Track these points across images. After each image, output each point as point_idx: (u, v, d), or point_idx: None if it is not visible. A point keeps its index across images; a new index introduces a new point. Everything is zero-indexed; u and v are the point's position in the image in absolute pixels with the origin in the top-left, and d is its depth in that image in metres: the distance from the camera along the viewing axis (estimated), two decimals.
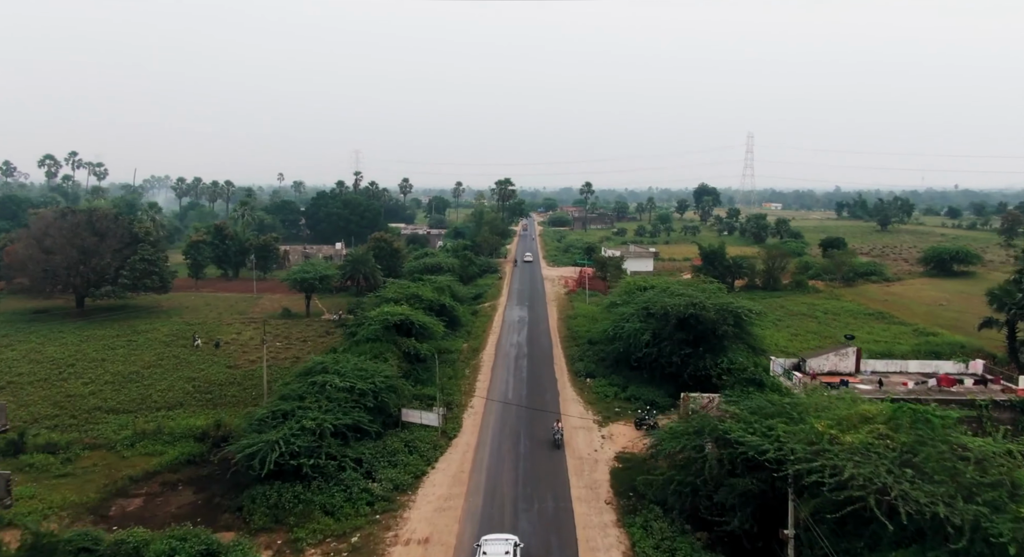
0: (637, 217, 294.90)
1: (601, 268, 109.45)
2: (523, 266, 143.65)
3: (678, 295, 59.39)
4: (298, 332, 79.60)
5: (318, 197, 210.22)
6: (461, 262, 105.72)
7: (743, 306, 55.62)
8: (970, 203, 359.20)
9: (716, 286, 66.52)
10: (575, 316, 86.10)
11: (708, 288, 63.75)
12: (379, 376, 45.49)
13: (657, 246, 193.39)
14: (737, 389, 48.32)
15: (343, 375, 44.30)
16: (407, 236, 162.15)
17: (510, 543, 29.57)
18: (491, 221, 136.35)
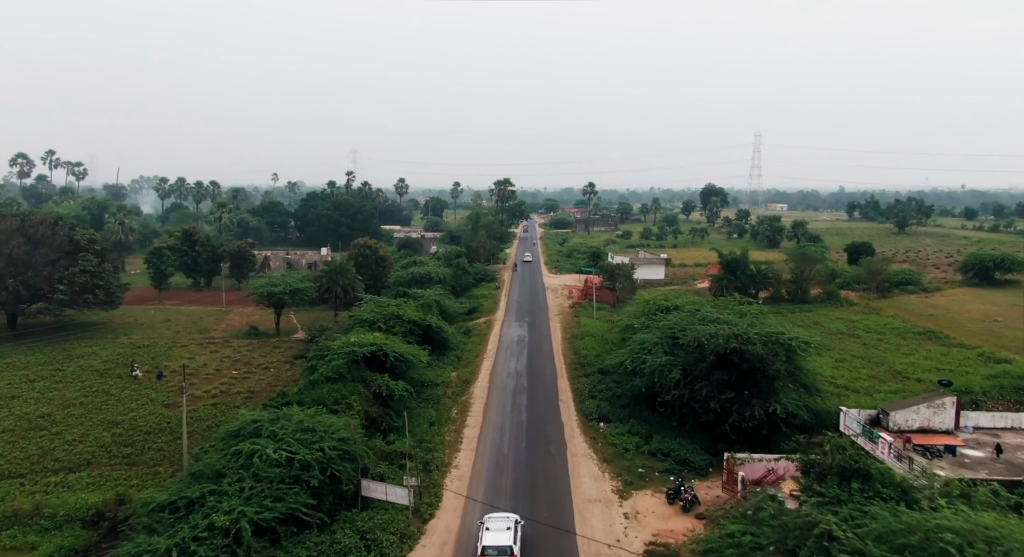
0: (641, 219, 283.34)
1: (609, 277, 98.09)
2: (523, 271, 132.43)
3: (711, 321, 48.05)
4: (262, 355, 68.27)
5: (308, 198, 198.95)
6: (454, 271, 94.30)
7: (796, 337, 44.15)
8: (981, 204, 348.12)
9: (756, 307, 55.10)
10: (582, 336, 74.73)
11: (747, 310, 52.38)
12: (331, 439, 34.12)
13: (665, 250, 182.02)
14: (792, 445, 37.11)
15: (281, 440, 33.00)
16: (399, 240, 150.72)
17: (511, 520, 31.37)
18: (488, 224, 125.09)
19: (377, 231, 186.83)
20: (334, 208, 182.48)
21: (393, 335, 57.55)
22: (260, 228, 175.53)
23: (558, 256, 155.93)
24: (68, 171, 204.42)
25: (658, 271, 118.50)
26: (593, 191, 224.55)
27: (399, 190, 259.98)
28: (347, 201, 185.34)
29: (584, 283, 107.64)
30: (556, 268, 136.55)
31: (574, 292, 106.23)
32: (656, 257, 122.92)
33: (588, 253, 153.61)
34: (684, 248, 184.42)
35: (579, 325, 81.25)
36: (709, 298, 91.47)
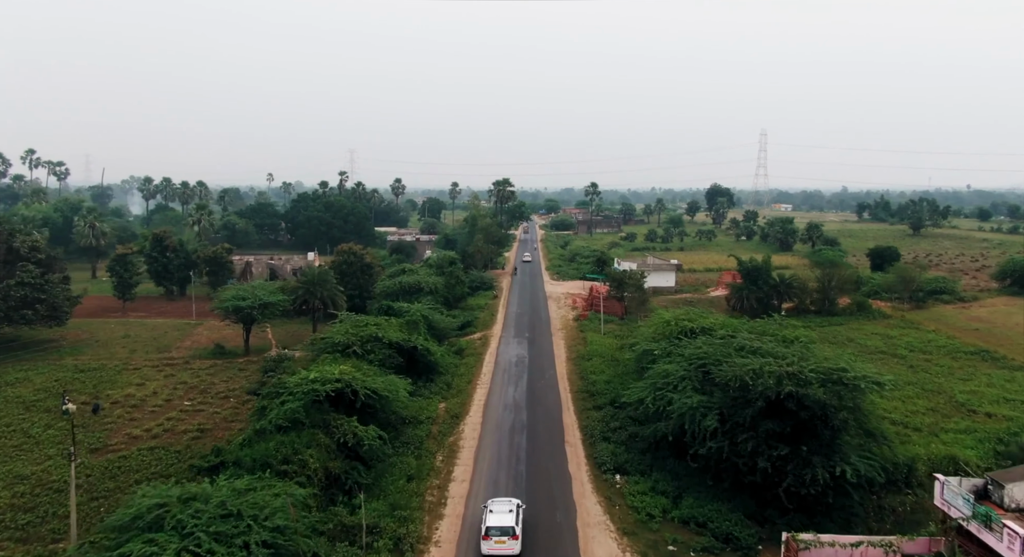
0: (645, 220, 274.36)
1: (617, 286, 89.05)
2: (523, 278, 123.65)
3: (752, 353, 39.13)
4: (224, 381, 59.35)
5: (299, 200, 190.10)
6: (446, 280, 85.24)
7: (864, 376, 35.01)
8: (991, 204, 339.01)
9: (803, 332, 46.08)
10: (589, 356, 65.74)
11: (792, 337, 43.46)
12: (261, 529, 25.10)
13: (672, 253, 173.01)
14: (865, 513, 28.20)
15: (189, 535, 23.97)
16: (392, 244, 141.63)
17: (513, 503, 33.12)
18: (486, 228, 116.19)
19: (371, 233, 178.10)
20: (325, 210, 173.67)
21: (369, 363, 48.63)
22: (247, 231, 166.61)
23: (560, 261, 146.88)
24: (49, 171, 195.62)
25: (668, 278, 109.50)
26: (596, 192, 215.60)
27: (395, 191, 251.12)
28: (339, 202, 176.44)
29: (589, 292, 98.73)
30: (558, 274, 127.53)
31: (578, 302, 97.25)
32: (666, 263, 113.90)
33: (592, 257, 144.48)
34: (692, 251, 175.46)
35: (585, 342, 72.29)
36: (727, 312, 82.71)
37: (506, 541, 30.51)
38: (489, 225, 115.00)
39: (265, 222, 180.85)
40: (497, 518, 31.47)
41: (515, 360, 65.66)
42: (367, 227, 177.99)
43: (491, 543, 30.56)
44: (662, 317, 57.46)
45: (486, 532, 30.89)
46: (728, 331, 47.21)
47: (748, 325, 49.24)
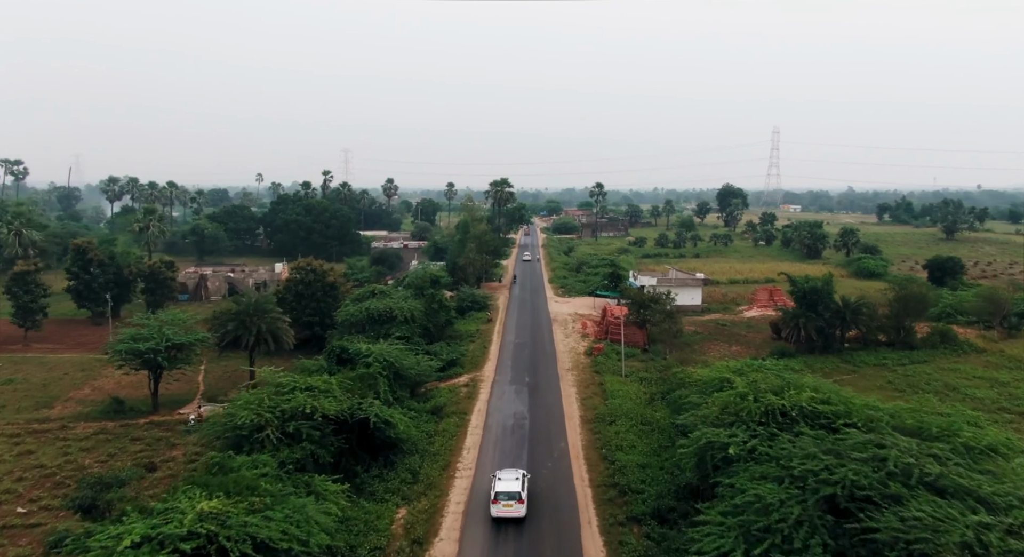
0: (652, 222, 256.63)
1: (638, 309, 71.38)
2: (523, 290, 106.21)
3: (935, 489, 21.53)
4: (103, 460, 41.79)
5: (278, 202, 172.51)
6: (426, 306, 67.35)
7: None
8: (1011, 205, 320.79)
9: (994, 432, 28.11)
10: (611, 416, 47.93)
11: (985, 443, 25.80)
12: None
13: (686, 261, 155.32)
14: None
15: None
16: (375, 252, 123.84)
17: (519, 472, 36.01)
18: (480, 236, 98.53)
19: (356, 239, 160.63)
20: (305, 213, 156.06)
21: (285, 471, 30.97)
22: (217, 237, 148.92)
23: (565, 271, 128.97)
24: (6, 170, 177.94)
25: (694, 295, 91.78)
26: (601, 192, 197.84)
27: (387, 192, 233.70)
28: (321, 205, 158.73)
29: (602, 314, 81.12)
30: (563, 287, 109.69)
31: (589, 327, 79.61)
32: (691, 277, 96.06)
33: (600, 266, 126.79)
34: (707, 258, 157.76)
35: (603, 390, 54.61)
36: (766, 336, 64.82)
37: (513, 504, 33.29)
38: (483, 233, 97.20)
39: (241, 227, 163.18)
40: (505, 484, 34.28)
41: (512, 423, 47.92)
42: (351, 232, 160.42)
43: (499, 506, 33.27)
44: (716, 375, 39.85)
45: (495, 497, 33.57)
46: (859, 422, 29.17)
47: (887, 410, 30.97)
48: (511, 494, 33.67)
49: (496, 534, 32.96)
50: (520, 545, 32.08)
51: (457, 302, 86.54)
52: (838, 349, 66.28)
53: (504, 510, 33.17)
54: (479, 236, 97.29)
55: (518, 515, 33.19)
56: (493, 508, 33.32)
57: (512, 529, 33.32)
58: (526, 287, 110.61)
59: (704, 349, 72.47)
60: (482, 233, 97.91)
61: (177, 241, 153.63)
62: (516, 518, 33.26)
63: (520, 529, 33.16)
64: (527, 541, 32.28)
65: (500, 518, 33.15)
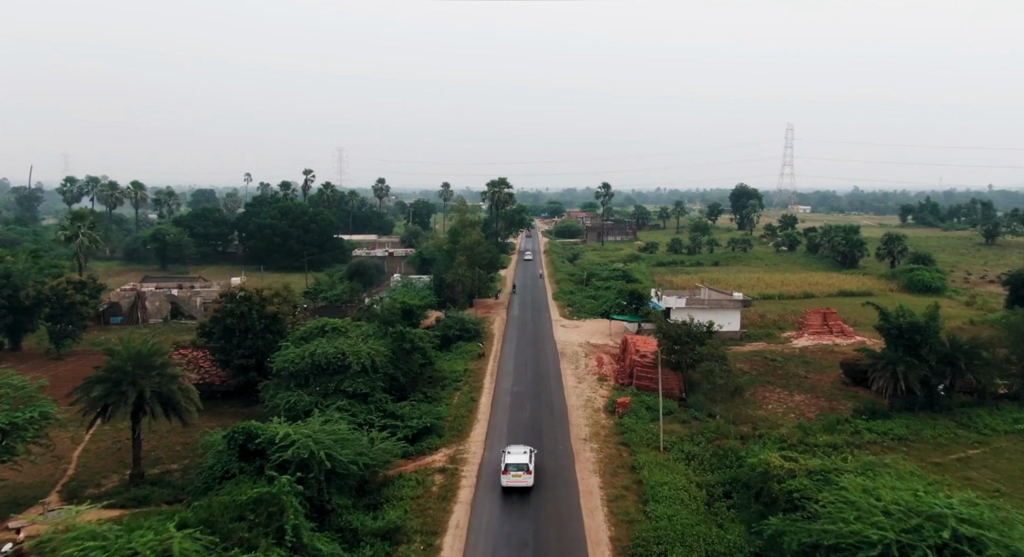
0: (660, 224, 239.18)
1: (672, 344, 53.92)
2: (522, 309, 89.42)
3: None
4: None
5: (253, 203, 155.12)
6: (393, 348, 49.77)
7: None
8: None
9: None
10: (658, 540, 30.66)
11: None
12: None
13: (705, 270, 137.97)
14: None
15: None
16: (352, 264, 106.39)
17: (527, 448, 38.61)
18: (471, 246, 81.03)
19: (338, 245, 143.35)
20: (281, 216, 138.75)
21: None
22: (181, 243, 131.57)
23: (571, 285, 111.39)
24: None
25: (732, 320, 74.38)
26: (608, 193, 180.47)
27: (378, 192, 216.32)
28: (299, 208, 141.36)
29: (622, 347, 63.83)
30: (570, 306, 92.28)
31: (606, 364, 62.31)
32: (726, 296, 78.42)
33: (612, 279, 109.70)
34: (728, 267, 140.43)
35: (637, 482, 37.38)
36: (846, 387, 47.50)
37: (521, 475, 36.24)
38: (476, 243, 79.62)
39: (211, 231, 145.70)
40: (514, 457, 37.08)
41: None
42: (332, 237, 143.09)
43: (509, 477, 36.26)
44: (862, 496, 22.72)
45: (505, 468, 36.50)
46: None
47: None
48: (519, 465, 36.27)
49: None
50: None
51: (442, 329, 69.30)
52: (947, 407, 48.90)
53: (513, 480, 35.92)
54: (471, 247, 79.86)
55: (526, 485, 36.02)
56: (503, 479, 36.13)
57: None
58: (527, 305, 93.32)
59: (758, 398, 55.13)
60: (474, 243, 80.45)
61: (138, 248, 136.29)
62: (524, 487, 36.00)
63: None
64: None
65: (510, 487, 35.96)
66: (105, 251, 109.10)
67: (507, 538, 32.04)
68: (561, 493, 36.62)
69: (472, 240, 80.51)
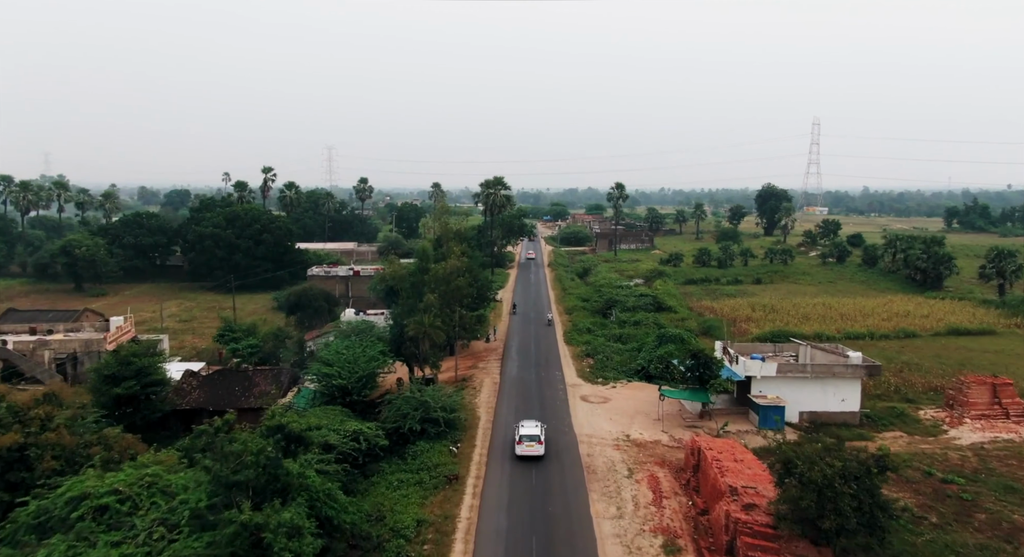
0: (677, 230, 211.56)
1: (818, 495, 26.74)
2: (524, 347, 62.60)
3: None
4: None
5: (199, 208, 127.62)
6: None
7: None
8: None
9: None
10: None
11: None
12: None
13: (743, 288, 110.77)
14: None
15: None
16: (294, 293, 78.32)
17: (538, 423, 42.08)
18: (448, 276, 53.37)
19: (298, 258, 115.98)
20: (227, 224, 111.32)
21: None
22: (96, 258, 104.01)
23: (587, 316, 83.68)
24: None
25: (851, 395, 46.74)
26: (622, 196, 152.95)
27: (359, 194, 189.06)
28: (249, 213, 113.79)
29: (691, 457, 36.56)
30: (591, 356, 64.66)
31: (664, 493, 34.96)
32: (838, 359, 49.96)
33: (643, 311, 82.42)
34: (774, 286, 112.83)
35: None
36: None
37: (534, 445, 39.59)
38: (451, 274, 51.61)
39: (145, 241, 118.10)
40: (527, 429, 40.51)
41: None
42: (289, 248, 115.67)
43: (523, 447, 39.58)
44: None
45: (519, 439, 39.92)
46: None
47: None
48: (532, 437, 39.95)
49: None
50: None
51: (395, 417, 42.05)
52: None
53: (526, 449, 39.51)
54: (445, 278, 52.24)
55: (538, 454, 39.54)
56: (517, 448, 39.78)
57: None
58: (529, 353, 65.74)
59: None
60: (452, 272, 52.80)
61: (49, 263, 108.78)
62: (536, 456, 39.25)
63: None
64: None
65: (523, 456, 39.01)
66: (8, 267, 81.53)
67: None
68: None
69: (448, 270, 52.83)
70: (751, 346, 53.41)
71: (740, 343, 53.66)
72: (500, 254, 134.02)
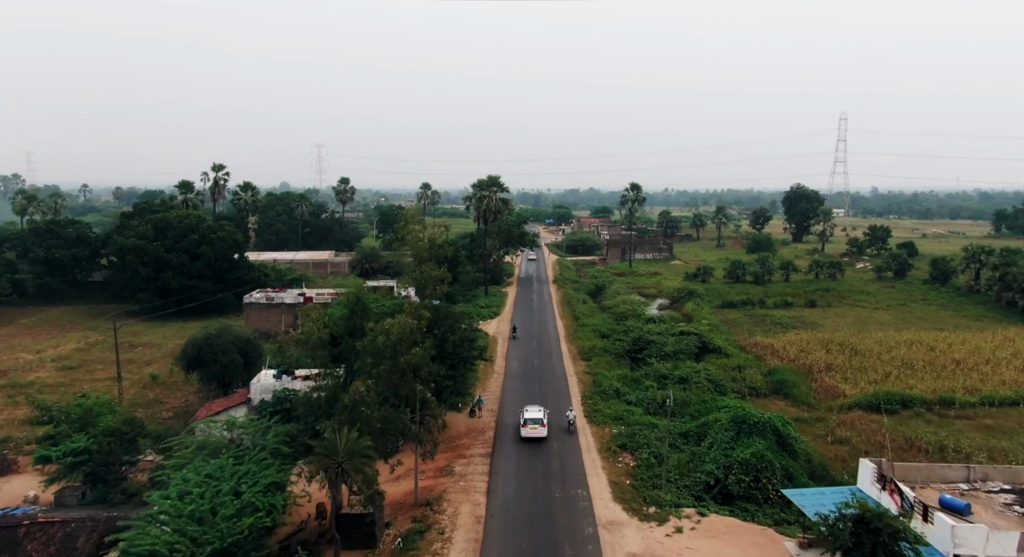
0: (694, 235, 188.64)
1: None
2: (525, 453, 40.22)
3: None
4: None
5: (131, 213, 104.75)
6: None
7: None
8: None
9: None
10: None
11: None
12: None
13: (797, 312, 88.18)
14: None
15: None
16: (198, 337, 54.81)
17: (541, 408, 44.66)
18: (389, 349, 31.20)
19: (244, 275, 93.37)
20: (155, 234, 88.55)
21: None
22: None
23: (607, 362, 60.61)
24: None
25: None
26: (638, 198, 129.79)
27: (340, 195, 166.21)
28: (183, 222, 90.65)
29: None
30: (623, 440, 42.01)
31: None
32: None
33: (687, 361, 59.87)
34: (836, 311, 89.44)
35: None
36: None
37: (538, 428, 42.08)
38: (401, 342, 29.44)
39: (59, 255, 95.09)
40: (531, 413, 43.04)
41: None
42: (237, 262, 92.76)
43: (527, 429, 42.11)
44: None
45: (524, 422, 42.49)
46: None
47: None
48: (536, 420, 42.41)
49: None
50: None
51: None
52: None
53: (531, 432, 41.96)
54: (392, 346, 29.54)
55: (541, 436, 41.99)
56: (523, 430, 42.24)
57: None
58: (536, 449, 42.82)
59: None
60: (402, 340, 29.92)
61: None
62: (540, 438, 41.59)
63: None
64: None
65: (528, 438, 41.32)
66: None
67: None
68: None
69: (396, 336, 30.01)
70: (920, 469, 30.33)
71: (903, 465, 30.55)
72: (496, 268, 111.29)
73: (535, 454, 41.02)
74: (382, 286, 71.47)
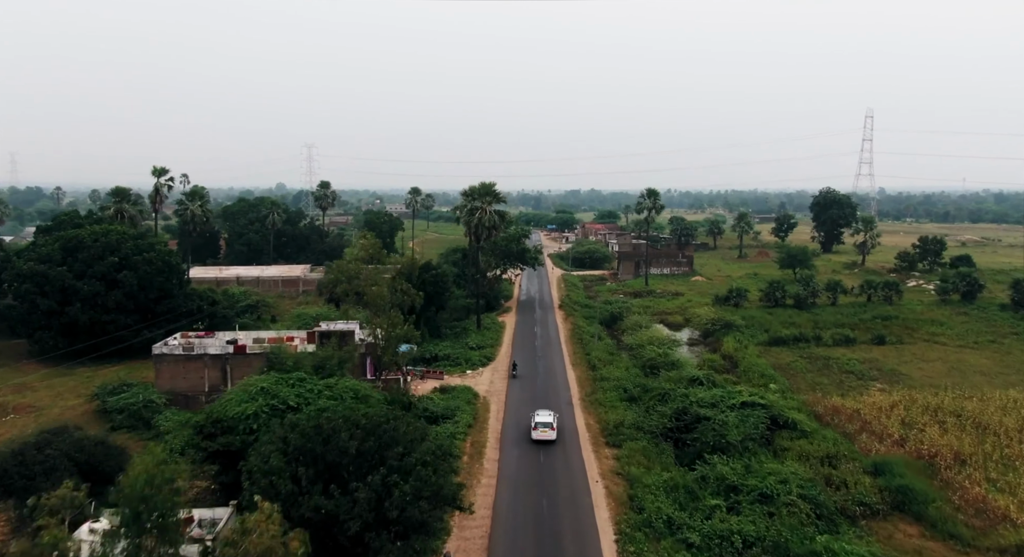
0: (710, 244, 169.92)
1: None
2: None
3: None
4: None
5: (51, 226, 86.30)
6: None
7: None
8: None
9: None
10: None
11: None
12: None
13: (864, 351, 69.69)
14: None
15: None
16: (9, 454, 36.00)
17: (551, 412, 46.57)
18: None
19: (178, 305, 74.77)
20: (64, 256, 69.95)
21: None
22: None
23: (645, 454, 41.78)
24: None
25: None
26: (654, 205, 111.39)
27: (319, 201, 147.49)
28: (100, 241, 71.65)
29: None
30: None
31: None
32: None
33: (797, 506, 40.73)
34: (912, 349, 70.35)
35: None
36: None
37: (548, 431, 43.92)
38: None
39: None
40: (542, 417, 44.95)
41: None
42: (171, 290, 73.93)
43: (538, 432, 43.84)
44: None
45: (535, 426, 44.24)
46: None
47: None
48: (546, 424, 44.16)
49: None
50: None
51: None
52: None
53: (541, 435, 43.66)
54: None
55: (551, 438, 43.75)
56: (533, 433, 43.89)
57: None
58: None
59: None
60: None
61: None
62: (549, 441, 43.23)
63: None
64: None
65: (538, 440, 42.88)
66: None
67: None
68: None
69: None
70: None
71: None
72: (492, 290, 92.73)
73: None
74: (336, 333, 52.50)
